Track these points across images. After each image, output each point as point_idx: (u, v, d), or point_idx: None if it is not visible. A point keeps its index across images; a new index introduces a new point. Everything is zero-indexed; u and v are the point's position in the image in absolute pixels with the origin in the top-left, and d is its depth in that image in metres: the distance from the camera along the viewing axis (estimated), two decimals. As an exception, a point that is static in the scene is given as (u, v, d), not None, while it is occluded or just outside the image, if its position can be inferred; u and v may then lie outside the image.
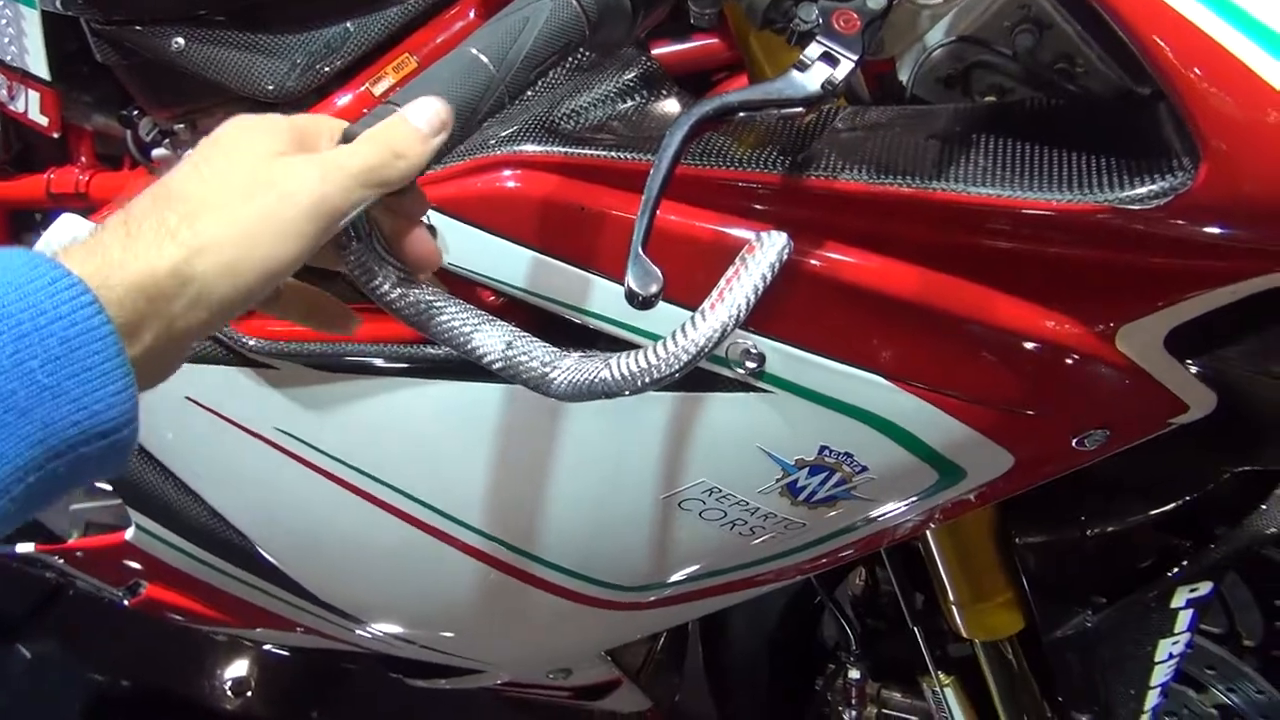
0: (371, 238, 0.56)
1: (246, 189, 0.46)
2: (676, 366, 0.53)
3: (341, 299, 0.60)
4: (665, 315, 0.62)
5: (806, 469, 0.72)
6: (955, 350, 0.64)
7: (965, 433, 0.67)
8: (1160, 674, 0.92)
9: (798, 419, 0.70)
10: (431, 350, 0.79)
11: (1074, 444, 0.68)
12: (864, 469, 0.71)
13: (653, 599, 0.92)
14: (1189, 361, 0.66)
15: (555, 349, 0.56)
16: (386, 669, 1.29)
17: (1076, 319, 0.61)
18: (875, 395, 0.67)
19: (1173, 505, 0.89)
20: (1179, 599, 0.88)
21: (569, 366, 0.55)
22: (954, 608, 0.99)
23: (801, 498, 0.75)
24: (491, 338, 0.56)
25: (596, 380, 0.54)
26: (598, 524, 0.84)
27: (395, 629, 1.08)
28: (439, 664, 1.17)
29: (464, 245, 0.72)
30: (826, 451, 0.71)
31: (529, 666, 1.23)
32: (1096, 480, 0.83)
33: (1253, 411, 0.81)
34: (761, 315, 0.65)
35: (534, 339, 0.57)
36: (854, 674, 1.23)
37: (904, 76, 0.71)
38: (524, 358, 0.55)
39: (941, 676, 1.09)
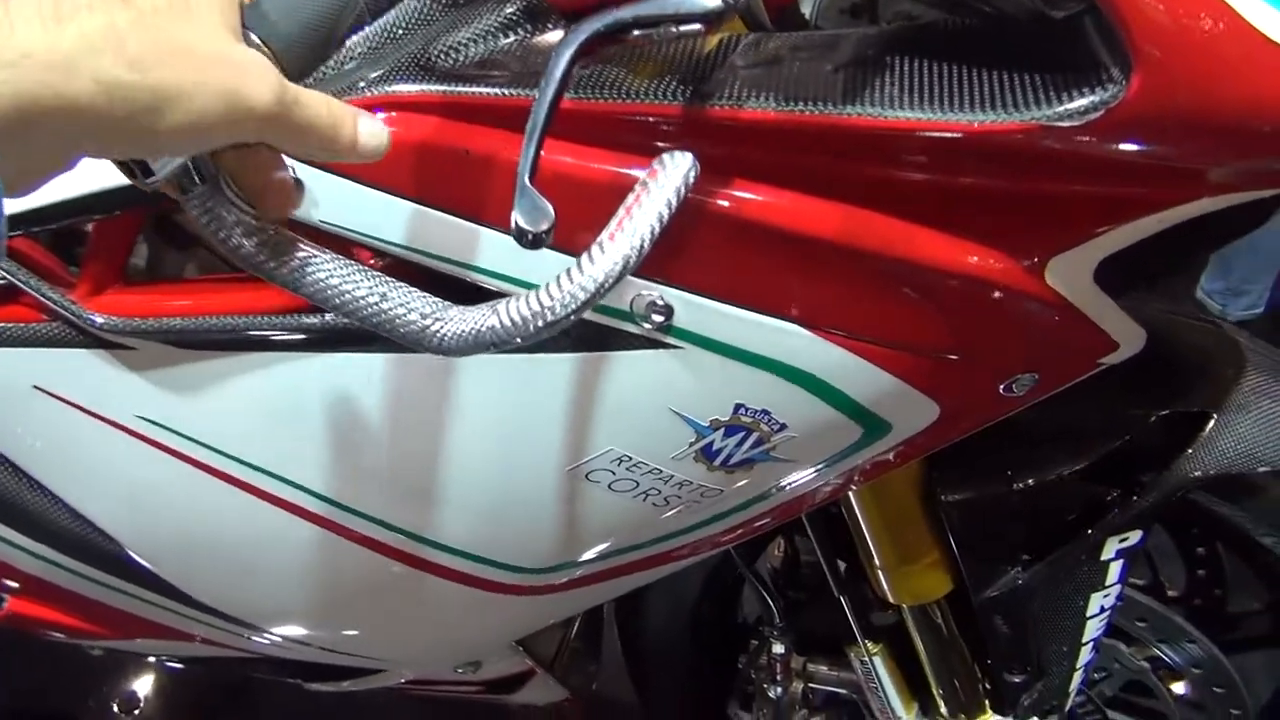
0: (220, 179, 0.49)
1: (208, 44, 0.41)
2: (573, 307, 0.47)
3: (207, 270, 0.54)
4: (560, 266, 0.57)
5: (722, 430, 0.67)
6: (875, 292, 0.60)
7: (889, 382, 0.63)
8: (1092, 629, 0.90)
9: (711, 376, 0.64)
10: (308, 319, 0.71)
11: (1001, 389, 0.65)
12: (783, 427, 0.66)
13: (563, 581, 0.86)
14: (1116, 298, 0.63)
15: (438, 300, 0.50)
16: (281, 674, 1.21)
17: (1003, 252, 0.57)
18: (792, 345, 0.62)
19: (1099, 453, 0.86)
20: (1109, 550, 0.86)
21: (453, 317, 0.49)
22: (879, 572, 0.95)
23: (718, 462, 0.70)
24: (364, 289, 0.50)
25: (484, 329, 0.48)
26: (499, 503, 0.77)
27: (286, 631, 1.01)
28: (338, 665, 1.10)
29: (335, 199, 0.64)
30: (742, 410, 0.66)
31: (434, 662, 1.16)
32: (1021, 431, 0.80)
33: (1175, 353, 0.79)
34: (669, 263, 0.60)
35: (413, 289, 0.51)
36: (778, 649, 1.21)
37: (806, 10, 0.67)
38: (402, 310, 0.49)
39: (869, 645, 1.05)
